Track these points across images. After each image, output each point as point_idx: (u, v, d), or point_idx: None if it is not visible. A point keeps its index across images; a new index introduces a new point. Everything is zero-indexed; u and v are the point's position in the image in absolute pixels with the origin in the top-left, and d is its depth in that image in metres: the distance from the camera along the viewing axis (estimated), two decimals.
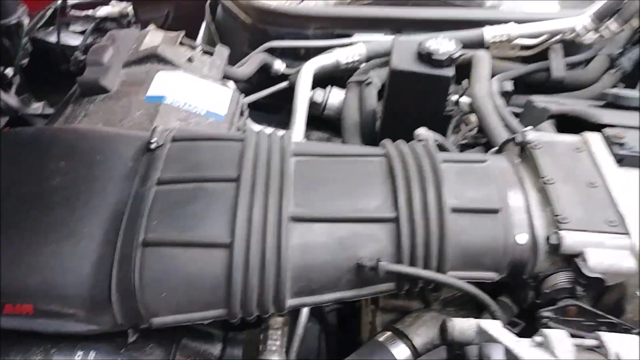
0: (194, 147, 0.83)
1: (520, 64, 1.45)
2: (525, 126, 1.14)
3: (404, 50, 1.15)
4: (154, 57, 1.16)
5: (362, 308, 0.99)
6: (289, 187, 0.76)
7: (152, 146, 0.82)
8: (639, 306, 0.74)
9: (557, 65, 1.42)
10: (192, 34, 1.88)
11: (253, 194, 0.74)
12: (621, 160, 0.84)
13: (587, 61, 1.53)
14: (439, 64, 1.11)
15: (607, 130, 0.86)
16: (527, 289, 0.78)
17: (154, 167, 0.78)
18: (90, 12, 1.74)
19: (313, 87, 1.44)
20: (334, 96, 1.43)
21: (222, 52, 1.26)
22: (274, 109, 1.55)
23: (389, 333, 0.83)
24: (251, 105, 1.50)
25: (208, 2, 1.75)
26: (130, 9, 1.76)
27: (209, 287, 0.69)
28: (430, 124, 1.18)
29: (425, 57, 1.12)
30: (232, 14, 1.61)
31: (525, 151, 0.85)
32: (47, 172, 0.80)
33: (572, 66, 1.51)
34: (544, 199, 0.78)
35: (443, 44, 1.13)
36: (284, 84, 1.46)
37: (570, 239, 0.72)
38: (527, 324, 0.80)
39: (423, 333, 0.82)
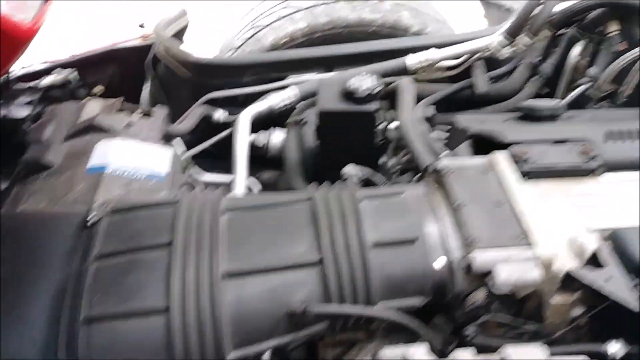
0: (130, 217, 0.88)
1: (447, 83, 1.53)
2: (451, 146, 1.21)
3: (329, 91, 1.22)
4: (93, 128, 1.21)
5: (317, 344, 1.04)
6: (221, 245, 0.81)
7: (90, 223, 0.87)
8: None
9: (480, 81, 1.50)
10: (137, 92, 1.95)
11: (185, 257, 0.79)
12: (528, 174, 0.91)
13: (511, 72, 1.62)
14: (362, 100, 1.18)
15: (512, 148, 0.94)
16: (455, 309, 0.84)
17: (93, 243, 0.83)
18: (34, 83, 1.78)
19: (259, 129, 1.51)
20: (276, 137, 1.49)
21: (161, 112, 1.31)
22: (222, 156, 1.61)
23: None
24: (199, 155, 1.56)
25: (147, 60, 1.81)
26: (74, 75, 1.80)
27: (152, 354, 0.73)
28: (363, 156, 1.25)
29: (348, 95, 1.19)
30: (171, 70, 1.67)
31: (440, 178, 0.92)
32: None
33: (496, 79, 1.60)
34: (457, 222, 0.84)
35: (364, 81, 1.20)
36: (226, 132, 1.52)
37: (480, 258, 0.78)
38: (460, 341, 0.86)
39: None
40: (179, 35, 1.98)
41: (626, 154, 0.95)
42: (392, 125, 1.32)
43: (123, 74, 1.98)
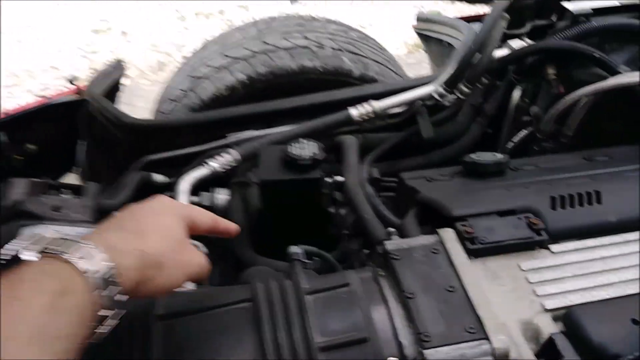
0: None
1: (393, 132, 1.51)
2: (398, 205, 1.19)
3: (270, 158, 1.18)
4: (16, 213, 1.12)
5: None
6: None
7: None
8: None
9: (425, 127, 1.48)
10: (73, 150, 1.85)
11: None
12: (476, 253, 0.88)
13: (455, 114, 1.61)
14: (305, 168, 1.14)
15: (459, 225, 0.91)
16: None
17: None
18: None
19: (201, 189, 1.44)
20: (221, 197, 1.44)
21: (92, 189, 1.24)
22: None
23: None
24: None
25: (81, 117, 1.72)
26: (2, 136, 1.70)
27: None
28: (312, 223, 1.21)
29: (290, 163, 1.14)
30: (106, 130, 1.59)
31: (387, 262, 0.88)
32: None
33: (441, 122, 1.59)
34: (407, 314, 0.80)
35: (306, 148, 1.16)
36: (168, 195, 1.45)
37: (434, 358, 0.74)
38: None
39: None
40: (115, 87, 1.90)
41: (574, 222, 0.94)
42: (338, 179, 1.29)
43: (57, 132, 1.89)
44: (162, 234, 0.72)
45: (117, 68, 1.83)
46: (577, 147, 1.31)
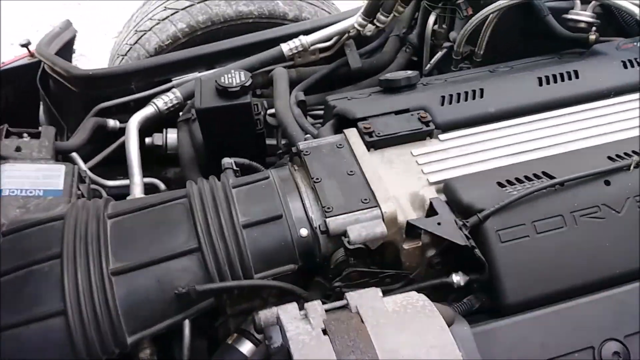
0: (22, 236, 0.95)
1: (324, 65, 1.65)
2: (324, 124, 1.34)
3: (205, 89, 1.32)
4: None
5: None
6: (107, 248, 0.90)
7: None
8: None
9: (353, 58, 1.63)
10: (35, 111, 1.96)
11: (75, 262, 0.88)
12: (375, 145, 1.05)
13: (382, 45, 1.76)
14: (235, 95, 1.28)
15: (360, 124, 1.07)
16: (325, 268, 0.98)
17: None
18: None
19: (155, 131, 1.58)
20: (171, 136, 1.58)
21: (48, 132, 1.36)
22: (123, 161, 1.67)
23: (235, 335, 1.00)
24: (103, 163, 1.63)
25: (37, 77, 1.83)
26: None
27: (56, 353, 0.82)
28: (247, 144, 1.36)
29: (222, 91, 1.28)
30: (60, 85, 1.71)
31: (300, 158, 1.04)
32: None
33: (369, 54, 1.74)
34: (315, 195, 0.97)
35: (235, 77, 1.30)
36: (121, 139, 1.59)
37: (334, 223, 0.91)
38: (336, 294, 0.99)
39: None
40: (67, 47, 2.00)
41: (459, 114, 1.11)
42: (271, 111, 1.44)
43: (17, 94, 1.99)
44: None
45: (67, 28, 1.93)
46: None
